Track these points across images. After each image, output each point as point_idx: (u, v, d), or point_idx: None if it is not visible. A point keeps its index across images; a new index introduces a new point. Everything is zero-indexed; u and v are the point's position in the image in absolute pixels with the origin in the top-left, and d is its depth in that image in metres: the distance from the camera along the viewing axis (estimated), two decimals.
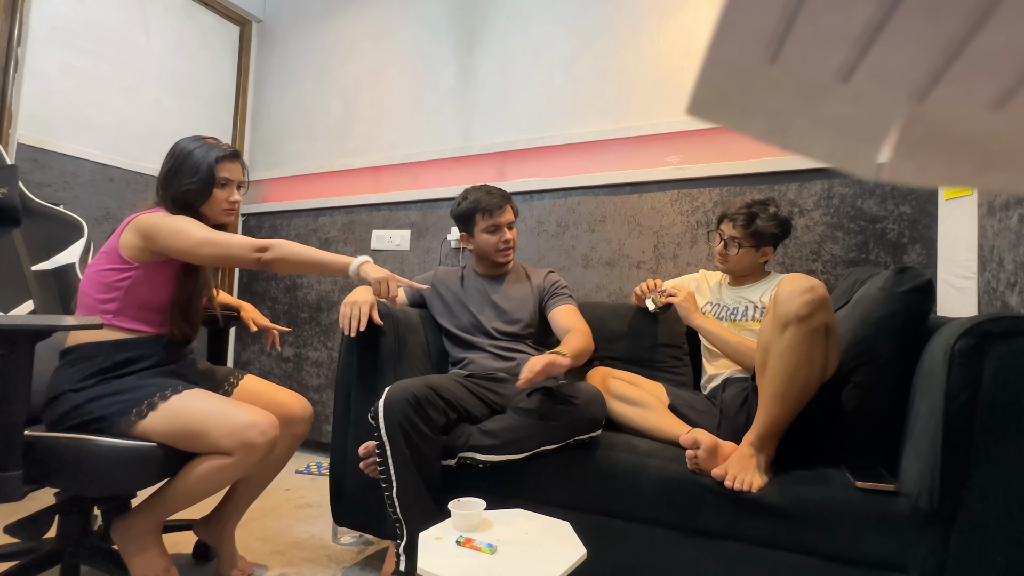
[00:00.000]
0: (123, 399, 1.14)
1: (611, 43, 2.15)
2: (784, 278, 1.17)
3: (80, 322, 1.07)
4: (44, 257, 1.49)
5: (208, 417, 1.14)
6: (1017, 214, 1.19)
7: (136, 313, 1.23)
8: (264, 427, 1.16)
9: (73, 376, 1.16)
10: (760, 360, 1.17)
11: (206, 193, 1.29)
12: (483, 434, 1.27)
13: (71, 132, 2.26)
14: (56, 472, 1.12)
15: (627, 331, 1.76)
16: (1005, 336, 0.91)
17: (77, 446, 1.10)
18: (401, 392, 1.22)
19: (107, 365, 1.18)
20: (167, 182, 1.28)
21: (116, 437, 1.12)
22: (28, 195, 1.52)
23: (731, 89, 0.21)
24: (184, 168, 1.28)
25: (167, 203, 1.28)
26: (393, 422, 1.20)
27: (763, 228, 1.49)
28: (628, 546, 1.18)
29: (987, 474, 0.92)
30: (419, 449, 1.21)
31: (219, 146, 1.32)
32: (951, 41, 0.17)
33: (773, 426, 1.13)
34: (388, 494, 1.20)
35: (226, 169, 1.31)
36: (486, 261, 1.70)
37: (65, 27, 2.23)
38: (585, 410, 1.26)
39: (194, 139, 1.32)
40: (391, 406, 1.21)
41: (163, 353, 1.27)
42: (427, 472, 1.22)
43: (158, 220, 1.21)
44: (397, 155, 2.57)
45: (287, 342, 2.76)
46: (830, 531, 1.03)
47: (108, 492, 1.29)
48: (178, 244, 1.19)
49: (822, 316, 1.09)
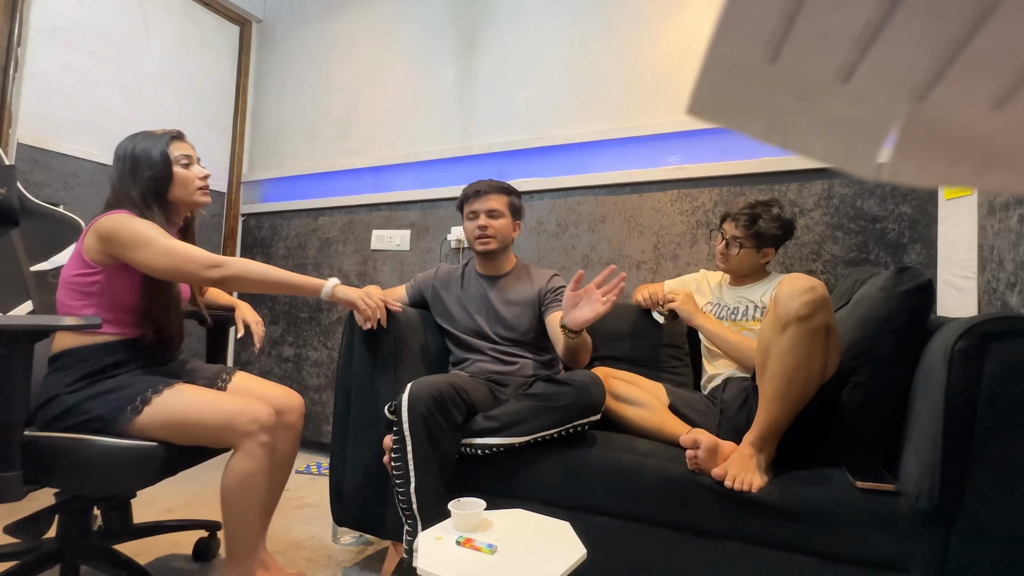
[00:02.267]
0: (117, 397, 1.14)
1: (611, 43, 2.15)
2: (784, 278, 1.17)
3: (80, 321, 1.07)
4: (43, 257, 1.49)
5: (201, 408, 1.15)
6: (1017, 214, 1.19)
7: (114, 316, 1.22)
8: (255, 412, 1.17)
9: (64, 379, 1.16)
10: (760, 360, 1.18)
11: (168, 176, 1.28)
12: (484, 419, 1.28)
13: (71, 132, 2.26)
14: (56, 472, 1.12)
15: (628, 331, 1.76)
16: (1005, 336, 0.91)
17: (76, 446, 1.10)
18: (426, 388, 1.23)
19: (97, 367, 1.18)
20: (128, 182, 1.26)
21: (114, 435, 1.11)
22: (27, 195, 1.51)
23: (731, 89, 0.21)
24: (139, 163, 1.26)
25: (132, 204, 1.25)
26: (417, 417, 1.20)
27: (765, 229, 1.49)
28: (628, 546, 1.18)
29: (987, 474, 0.92)
30: (441, 445, 1.22)
31: (160, 133, 1.31)
32: (951, 41, 0.17)
33: (773, 426, 1.13)
34: (404, 490, 1.20)
35: (178, 148, 1.31)
36: (480, 257, 1.67)
37: (65, 27, 2.23)
38: (584, 393, 1.27)
39: (132, 136, 1.31)
40: (415, 402, 1.21)
41: (151, 354, 1.27)
42: (446, 469, 1.23)
43: (117, 224, 1.18)
44: (397, 155, 2.57)
45: (287, 342, 2.76)
46: (830, 531, 1.03)
47: (108, 492, 1.29)
48: (134, 254, 1.17)
49: (822, 316, 1.08)
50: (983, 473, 0.92)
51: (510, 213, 1.62)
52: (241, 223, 2.95)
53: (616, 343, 1.75)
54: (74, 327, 1.14)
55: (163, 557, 1.52)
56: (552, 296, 1.60)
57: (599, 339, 1.76)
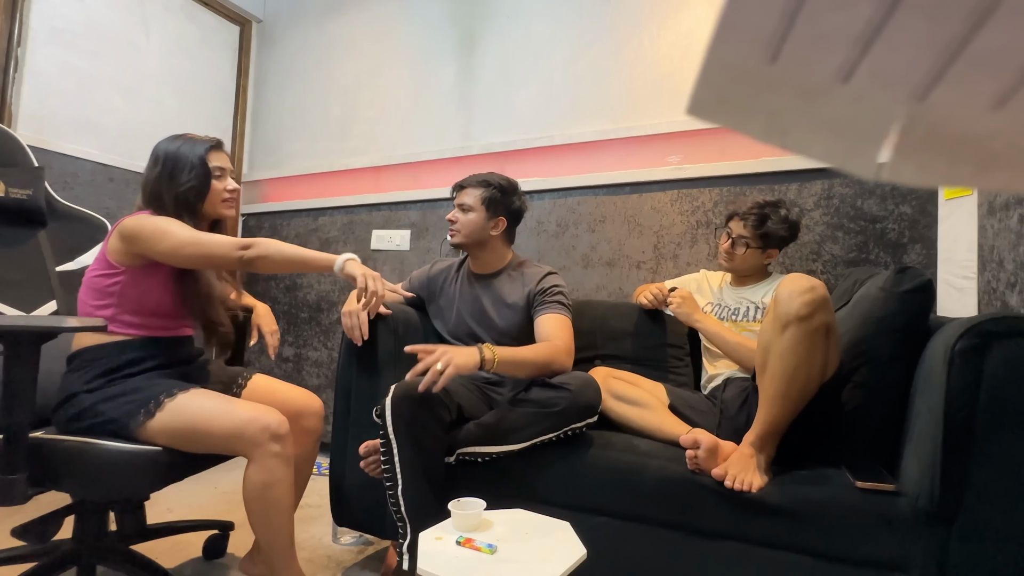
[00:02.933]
0: (133, 399, 1.13)
1: (611, 43, 2.15)
2: (785, 278, 1.17)
3: (83, 323, 1.07)
4: (69, 258, 1.51)
5: (212, 417, 1.13)
6: (1017, 214, 1.19)
7: (132, 319, 1.22)
8: (266, 421, 1.14)
9: (82, 378, 1.16)
10: (760, 360, 1.18)
11: (206, 187, 1.27)
12: (480, 428, 1.27)
13: (71, 132, 2.26)
14: (60, 475, 1.11)
15: (630, 330, 1.76)
16: (1005, 336, 0.91)
17: (80, 449, 1.09)
18: (408, 390, 1.20)
19: (113, 366, 1.18)
20: (165, 185, 1.26)
21: (127, 438, 1.11)
22: (54, 196, 1.55)
23: (731, 89, 0.21)
24: (177, 167, 1.26)
25: (161, 207, 1.25)
26: (400, 420, 1.18)
27: (773, 230, 1.49)
28: (628, 546, 1.18)
29: (987, 474, 0.92)
30: (426, 447, 1.20)
31: (202, 139, 1.30)
32: (951, 41, 0.17)
33: (773, 426, 1.13)
34: (392, 493, 1.19)
35: (216, 159, 1.30)
36: (469, 255, 1.62)
37: (65, 27, 2.23)
38: (579, 396, 1.25)
39: (173, 138, 1.30)
40: (398, 404, 1.19)
41: (168, 354, 1.27)
42: (433, 471, 1.21)
43: (139, 222, 1.19)
44: (397, 155, 2.57)
45: (287, 342, 2.76)
46: (830, 531, 1.03)
47: (114, 496, 1.28)
48: (160, 246, 1.17)
49: (822, 316, 1.09)
50: (983, 473, 0.92)
51: (484, 208, 1.54)
52: (241, 223, 2.95)
53: (617, 342, 1.75)
54: (77, 329, 1.13)
55: (174, 556, 1.52)
56: (541, 298, 1.50)
57: (601, 338, 1.76)
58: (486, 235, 1.56)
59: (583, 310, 1.82)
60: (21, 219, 1.45)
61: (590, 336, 1.76)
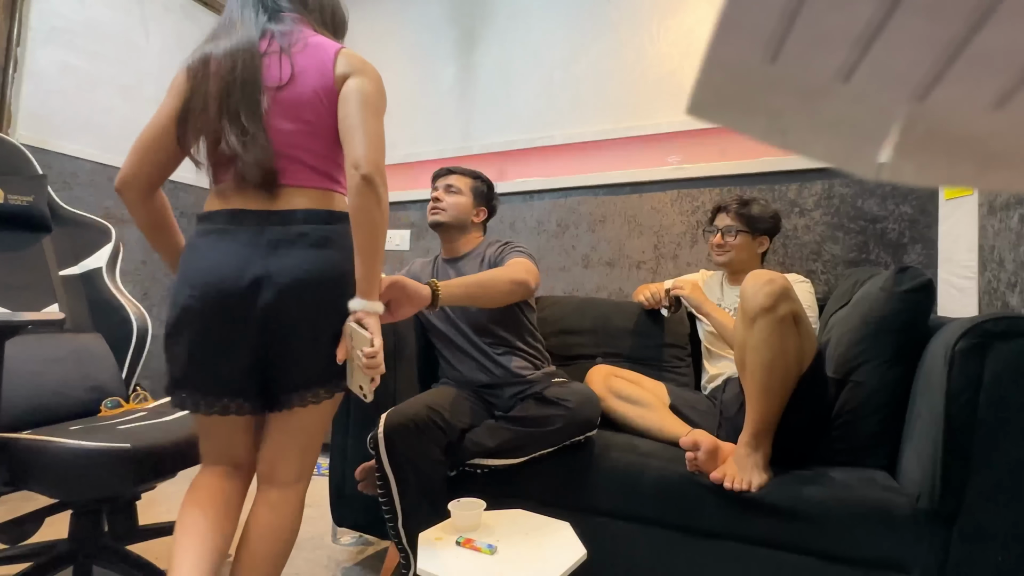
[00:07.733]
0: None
1: (611, 43, 2.15)
2: (747, 277, 1.18)
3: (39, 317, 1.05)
4: (73, 262, 1.53)
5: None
6: (1018, 214, 1.19)
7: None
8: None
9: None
10: (739, 358, 1.19)
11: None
12: (479, 448, 1.25)
13: (71, 132, 2.26)
14: (28, 474, 1.06)
15: (632, 329, 1.76)
16: (1006, 336, 0.91)
17: (44, 448, 1.04)
18: (401, 419, 1.17)
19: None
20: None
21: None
22: (58, 202, 1.57)
23: (731, 89, 0.20)
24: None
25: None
26: (396, 453, 1.15)
27: (758, 214, 1.55)
28: (628, 546, 1.18)
29: (987, 474, 0.92)
30: (427, 476, 1.17)
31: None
32: (951, 41, 0.17)
33: (763, 422, 1.13)
34: (392, 525, 1.16)
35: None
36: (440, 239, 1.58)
37: (65, 27, 2.23)
38: (578, 413, 1.25)
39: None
40: (392, 436, 1.15)
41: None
42: (433, 497, 1.17)
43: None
44: (397, 155, 2.57)
45: None
46: (830, 531, 1.03)
47: (87, 495, 1.22)
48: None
49: (787, 305, 1.10)
50: (984, 473, 0.92)
51: (472, 195, 1.53)
52: None
53: (619, 341, 1.75)
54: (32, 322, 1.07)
55: (164, 557, 1.52)
56: (499, 256, 1.45)
57: (602, 337, 1.76)
58: (469, 219, 1.54)
59: (585, 308, 1.82)
60: (23, 225, 1.47)
61: (592, 334, 1.76)
